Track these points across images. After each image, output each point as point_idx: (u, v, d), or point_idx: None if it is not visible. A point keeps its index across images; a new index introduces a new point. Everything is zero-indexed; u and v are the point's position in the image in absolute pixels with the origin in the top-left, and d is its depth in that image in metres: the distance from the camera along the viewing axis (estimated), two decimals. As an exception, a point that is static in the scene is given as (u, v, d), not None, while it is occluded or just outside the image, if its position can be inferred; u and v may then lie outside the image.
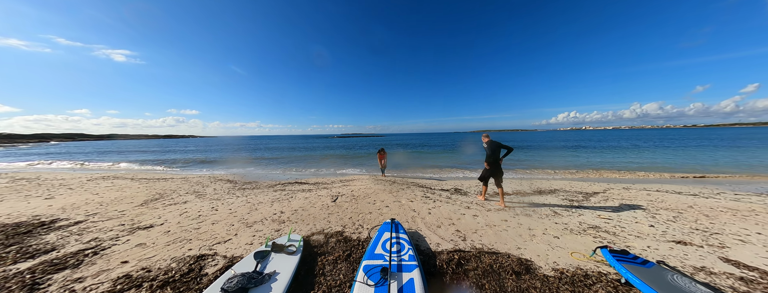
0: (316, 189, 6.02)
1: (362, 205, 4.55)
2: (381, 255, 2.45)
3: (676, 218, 3.56)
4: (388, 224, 3.17)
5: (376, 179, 7.11)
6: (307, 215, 4.03)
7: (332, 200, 4.92)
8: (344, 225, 3.57)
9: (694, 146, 19.94)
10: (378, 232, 2.96)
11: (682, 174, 8.41)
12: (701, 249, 2.63)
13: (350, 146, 32.70)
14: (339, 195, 5.31)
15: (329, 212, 4.15)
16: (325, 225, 3.58)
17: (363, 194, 5.31)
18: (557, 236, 3.03)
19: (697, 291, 1.79)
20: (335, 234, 3.24)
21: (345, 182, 6.90)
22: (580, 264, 2.36)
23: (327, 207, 4.46)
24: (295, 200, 5.02)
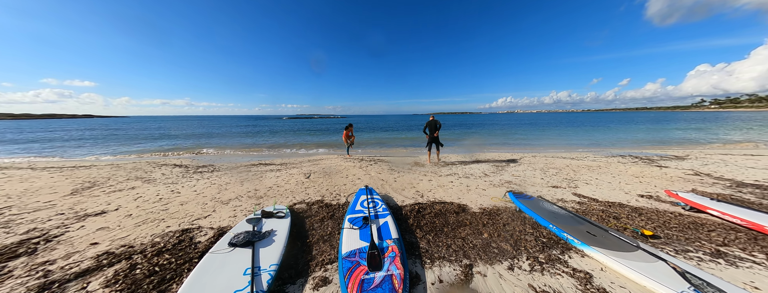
0: (285, 169, 6.11)
1: (336, 179, 5.01)
2: (360, 210, 3.06)
3: (556, 173, 5.25)
4: (363, 189, 3.77)
5: (344, 158, 7.52)
6: (284, 191, 4.28)
7: (306, 177, 5.21)
8: (323, 195, 4.01)
9: (583, 126, 26.78)
10: (355, 196, 3.54)
11: (569, 145, 11.54)
12: (564, 189, 4.14)
13: (308, 128, 31.07)
14: (311, 172, 5.60)
15: (306, 187, 4.49)
16: (304, 197, 3.95)
17: (335, 171, 5.73)
18: (484, 189, 4.20)
19: (552, 208, 3.02)
20: (316, 202, 3.67)
21: (314, 162, 7.11)
22: (496, 203, 3.48)
23: (302, 183, 4.76)
24: (266, 179, 5.10)
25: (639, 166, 5.76)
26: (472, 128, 26.50)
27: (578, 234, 2.37)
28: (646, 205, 3.37)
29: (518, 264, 2.07)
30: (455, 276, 1.95)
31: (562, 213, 2.91)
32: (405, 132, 22.38)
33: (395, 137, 18.49)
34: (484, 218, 2.95)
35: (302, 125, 40.61)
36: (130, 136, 19.05)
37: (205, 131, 23.16)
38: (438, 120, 6.66)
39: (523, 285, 1.82)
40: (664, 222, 2.82)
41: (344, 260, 2.07)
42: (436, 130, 6.52)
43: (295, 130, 26.76)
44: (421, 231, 2.71)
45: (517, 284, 1.84)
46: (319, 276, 2.01)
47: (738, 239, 2.42)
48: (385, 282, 1.79)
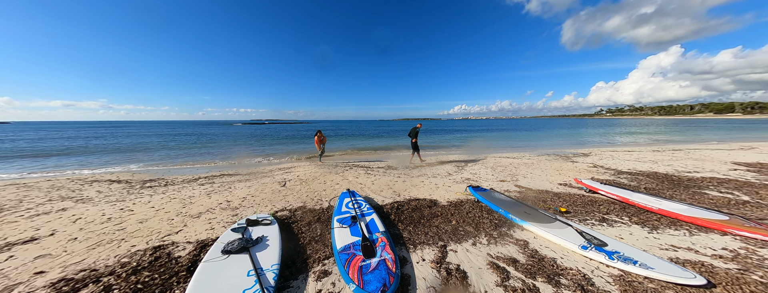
0: (256, 178, 5.86)
1: (314, 186, 5.09)
2: (347, 211, 3.31)
3: (503, 170, 6.38)
4: (346, 193, 4.01)
5: (317, 165, 7.52)
6: (261, 200, 4.20)
7: (282, 185, 5.14)
8: (304, 202, 4.09)
9: (521, 130, 31.73)
10: (339, 199, 3.76)
11: (512, 147, 13.73)
12: (508, 182, 5.13)
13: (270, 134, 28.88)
14: (286, 180, 5.52)
15: (284, 195, 4.48)
16: (285, 204, 3.97)
17: (311, 178, 5.76)
18: (450, 185, 4.90)
19: (501, 197, 3.81)
20: (299, 208, 3.76)
21: (286, 170, 6.94)
22: (459, 197, 4.15)
23: (278, 191, 4.71)
24: (236, 190, 4.85)
25: (559, 162, 7.38)
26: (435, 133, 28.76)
27: (518, 214, 3.11)
28: (562, 191, 4.49)
29: (479, 240, 2.65)
30: (434, 255, 2.40)
31: (508, 200, 3.71)
32: (375, 138, 22.92)
33: (367, 142, 18.84)
34: (451, 209, 3.54)
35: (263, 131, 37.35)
36: (19, 149, 14.71)
37: (136, 141, 19.49)
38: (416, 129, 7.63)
39: (483, 255, 2.38)
40: (573, 201, 3.86)
41: (340, 254, 2.33)
42: (414, 136, 7.50)
43: (256, 136, 24.68)
44: (403, 224, 3.12)
45: (479, 254, 2.39)
46: (319, 270, 2.22)
47: (614, 209, 3.51)
48: (381, 265, 2.12)
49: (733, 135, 18.84)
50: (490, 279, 2.03)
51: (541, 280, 1.98)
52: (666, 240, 2.63)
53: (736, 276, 1.98)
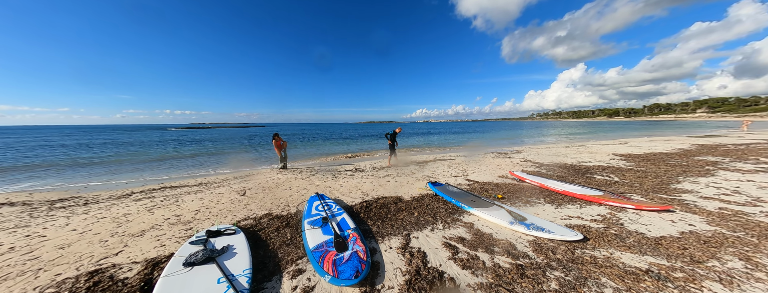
0: (208, 189, 5.36)
1: (279, 192, 4.96)
2: (317, 213, 3.43)
3: (456, 167, 7.29)
4: (315, 196, 4.10)
5: (281, 171, 7.22)
6: (218, 211, 3.94)
7: (241, 194, 4.86)
8: (269, 209, 4.01)
9: (473, 132, 35.72)
10: (308, 203, 3.84)
11: (464, 146, 15.51)
12: (460, 177, 5.94)
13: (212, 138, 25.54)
14: (246, 189, 5.22)
15: (245, 204, 4.28)
16: (248, 213, 3.83)
17: (274, 184, 5.57)
18: (413, 183, 5.42)
19: (454, 190, 4.46)
20: (265, 216, 3.69)
21: (244, 178, 6.49)
22: (421, 192, 4.68)
23: (238, 201, 4.46)
24: (185, 203, 4.40)
25: (499, 158, 8.78)
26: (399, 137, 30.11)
27: (467, 202, 3.75)
28: (501, 181, 5.46)
29: (436, 226, 3.14)
30: (400, 242, 2.76)
31: (459, 192, 4.38)
32: (340, 141, 22.64)
33: (331, 146, 18.50)
34: (414, 203, 4.00)
35: (206, 135, 32.59)
36: None
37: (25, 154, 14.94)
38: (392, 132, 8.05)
39: (439, 237, 2.85)
40: (508, 189, 4.77)
41: (314, 252, 2.49)
42: (394, 138, 7.94)
43: (200, 142, 21.58)
44: (371, 220, 3.42)
45: (436, 237, 2.86)
46: (293, 269, 2.33)
47: (535, 193, 4.50)
48: (353, 256, 2.37)
49: (615, 133, 25.01)
50: (444, 255, 2.48)
51: (481, 251, 2.53)
52: (565, 212, 3.57)
53: (602, 232, 2.88)
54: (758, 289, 1.88)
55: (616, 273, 2.11)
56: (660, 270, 2.14)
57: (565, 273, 2.13)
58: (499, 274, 2.15)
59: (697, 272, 2.11)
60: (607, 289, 1.93)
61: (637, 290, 1.91)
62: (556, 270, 2.18)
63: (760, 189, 4.33)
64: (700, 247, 2.50)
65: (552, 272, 2.16)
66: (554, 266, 2.24)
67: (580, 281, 2.03)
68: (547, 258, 2.36)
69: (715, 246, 2.50)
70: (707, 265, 2.20)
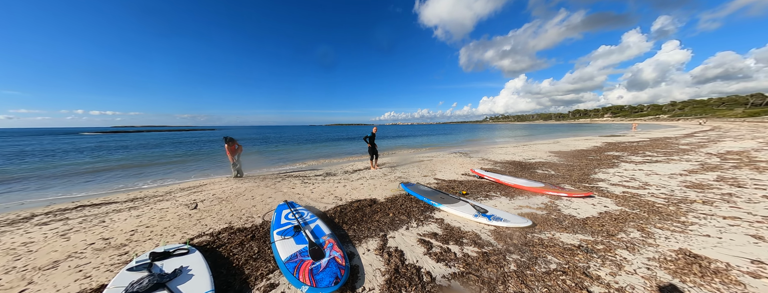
0: (145, 205, 4.54)
1: (239, 202, 4.49)
2: (287, 222, 3.23)
3: (425, 167, 7.70)
4: (284, 205, 3.84)
5: (240, 180, 6.53)
6: (163, 230, 3.38)
7: (192, 208, 4.24)
8: (229, 222, 3.61)
9: (437, 134, 38.13)
10: (276, 212, 3.58)
11: (431, 147, 16.44)
12: (429, 177, 6.30)
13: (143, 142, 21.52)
14: (197, 202, 4.58)
15: (197, 219, 3.76)
16: (202, 229, 3.38)
17: (233, 195, 5.02)
18: (385, 184, 5.53)
19: (425, 189, 4.72)
20: (224, 230, 3.31)
21: (195, 189, 5.67)
22: (394, 193, 4.80)
23: (188, 216, 3.90)
24: (116, 223, 3.65)
25: (462, 158, 9.59)
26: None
27: (437, 200, 4.00)
28: (464, 179, 5.98)
29: (411, 225, 3.27)
30: (377, 244, 2.79)
31: (429, 190, 4.64)
32: (308, 144, 21.51)
33: (299, 149, 17.44)
34: (388, 204, 4.09)
35: (138, 140, 26.96)
36: None
37: None
38: (370, 134, 7.65)
39: (414, 235, 2.98)
40: (470, 185, 5.25)
41: (287, 264, 2.34)
42: (374, 141, 7.58)
43: (129, 148, 17.86)
44: (347, 224, 3.37)
45: (411, 235, 2.98)
46: (264, 284, 2.16)
47: (493, 188, 5.06)
48: (331, 263, 2.31)
49: (549, 134, 29.70)
50: (420, 251, 2.62)
51: (452, 243, 2.74)
52: (517, 203, 4.11)
53: (545, 217, 3.41)
54: (650, 251, 2.49)
55: (558, 251, 2.54)
56: (588, 245, 2.65)
57: (520, 255, 2.46)
58: (469, 263, 2.37)
59: (612, 243, 2.68)
60: (552, 264, 2.31)
61: (573, 262, 2.33)
62: (514, 253, 2.51)
63: (647, 176, 5.70)
64: (613, 223, 3.17)
65: (511, 255, 2.47)
66: (512, 250, 2.57)
67: (532, 260, 2.38)
68: (506, 244, 2.69)
69: (622, 222, 3.21)
70: (618, 237, 2.81)
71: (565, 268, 2.24)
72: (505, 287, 2.03)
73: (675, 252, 2.46)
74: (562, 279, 2.10)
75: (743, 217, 3.22)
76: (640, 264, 2.28)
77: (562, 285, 2.03)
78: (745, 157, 7.62)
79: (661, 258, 2.37)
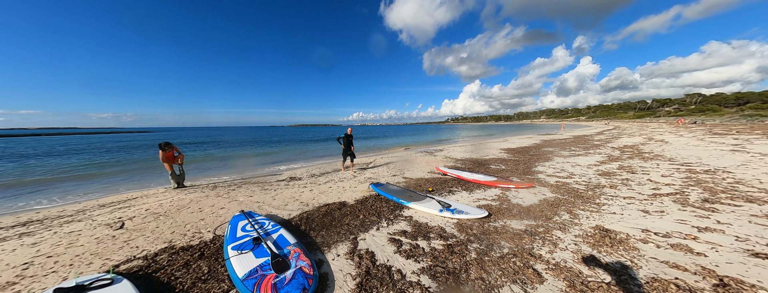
0: (46, 229, 3.58)
1: (183, 217, 3.88)
2: (245, 235, 2.92)
3: (393, 167, 7.88)
4: (240, 216, 3.46)
5: (183, 190, 5.63)
6: (73, 258, 2.71)
7: (117, 228, 3.49)
8: (169, 241, 3.09)
9: (405, 134, 39.37)
10: (230, 225, 3.20)
11: (399, 147, 16.93)
12: (398, 176, 6.47)
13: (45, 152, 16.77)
14: (123, 220, 3.79)
15: (125, 240, 3.12)
16: (132, 253, 2.81)
17: (175, 208, 4.31)
18: (355, 186, 5.46)
19: (394, 188, 4.82)
20: (162, 251, 2.82)
21: (121, 204, 4.67)
22: (365, 194, 4.78)
23: (112, 237, 3.21)
24: (13, 252, 2.76)
25: (427, 157, 10.11)
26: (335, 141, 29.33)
27: (406, 198, 4.13)
28: (430, 176, 6.32)
29: (381, 225, 3.30)
30: (347, 248, 2.74)
31: (398, 189, 4.76)
32: (268, 147, 19.73)
33: (257, 153, 15.86)
34: (359, 206, 4.05)
35: (33, 146, 20.39)
36: None
37: None
38: (353, 135, 7.22)
39: (384, 235, 3.02)
40: (435, 182, 5.58)
41: (245, 281, 2.12)
42: (351, 144, 7.05)
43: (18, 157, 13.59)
44: (315, 231, 3.22)
45: (382, 235, 3.01)
46: (219, 307, 1.91)
47: (455, 184, 5.46)
48: (297, 274, 2.18)
49: (500, 134, 33.55)
50: (390, 250, 2.66)
51: (420, 239, 2.86)
52: (475, 196, 4.52)
53: (498, 208, 3.83)
54: (576, 230, 3.02)
55: (509, 236, 2.88)
56: (532, 229, 3.07)
57: (479, 244, 2.72)
58: (436, 256, 2.51)
59: (549, 225, 3.16)
60: (505, 249, 2.61)
61: (520, 245, 2.68)
62: (474, 242, 2.76)
63: (572, 167, 6.90)
64: (549, 209, 3.75)
65: (471, 245, 2.71)
66: (473, 240, 2.81)
67: (490, 247, 2.65)
68: (468, 235, 2.93)
69: (556, 207, 3.82)
70: (554, 220, 3.34)
71: (515, 251, 2.56)
72: (468, 275, 2.21)
73: (593, 228, 3.04)
74: (513, 261, 2.40)
75: (635, 197, 4.17)
76: (569, 241, 2.75)
77: (513, 266, 2.31)
78: (635, 149, 9.88)
79: (584, 234, 2.90)
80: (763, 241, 2.56)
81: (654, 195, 4.18)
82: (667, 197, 4.06)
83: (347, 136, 7.01)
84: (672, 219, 3.20)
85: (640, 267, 2.22)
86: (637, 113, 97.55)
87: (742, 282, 1.96)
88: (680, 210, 3.48)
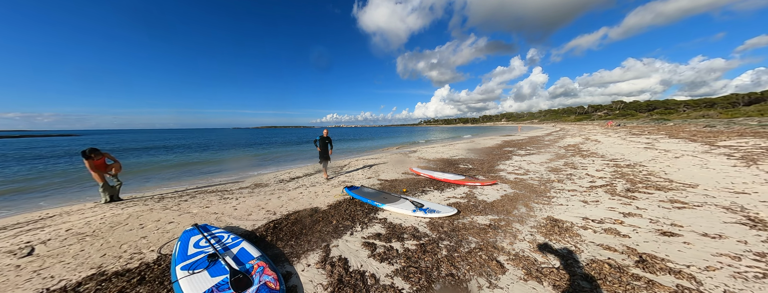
0: None
1: (118, 235, 3.30)
2: (199, 251, 2.60)
3: (368, 169, 7.84)
4: (192, 230, 3.07)
5: (118, 205, 4.79)
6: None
7: (25, 254, 2.81)
8: (98, 266, 2.60)
9: (381, 136, 39.59)
10: (180, 242, 2.81)
11: (374, 150, 16.92)
12: (373, 178, 6.45)
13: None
14: (32, 245, 3.07)
15: (34, 270, 2.53)
16: (42, 285, 2.30)
17: (107, 226, 3.64)
18: (328, 190, 5.28)
19: (369, 191, 4.79)
20: (87, 280, 2.35)
21: (30, 226, 3.77)
22: (338, 198, 4.64)
23: (15, 268, 2.58)
24: None
25: (401, 157, 10.31)
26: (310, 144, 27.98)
27: (380, 200, 4.13)
28: (404, 177, 6.44)
29: (355, 229, 3.24)
30: (319, 256, 2.62)
31: (373, 191, 4.74)
32: (228, 150, 17.92)
33: (213, 158, 14.29)
34: (331, 211, 3.91)
35: None
36: None
37: None
38: (330, 137, 6.70)
39: (359, 239, 2.97)
40: (410, 183, 5.70)
41: (199, 303, 1.88)
42: (328, 148, 6.52)
43: None
44: (282, 241, 3.01)
45: (356, 240, 2.95)
46: (165, 338, 1.65)
47: (428, 184, 5.65)
48: (261, 290, 2.00)
49: (468, 135, 35.94)
50: (364, 254, 2.62)
51: (394, 241, 2.88)
52: (446, 194, 4.74)
53: (466, 205, 4.07)
54: (532, 221, 3.36)
55: (476, 231, 3.07)
56: (495, 223, 3.33)
57: (450, 241, 2.84)
58: (409, 256, 2.54)
59: (509, 219, 3.46)
60: (473, 244, 2.78)
61: (486, 239, 2.88)
62: (445, 240, 2.87)
63: (528, 165, 7.70)
64: (509, 203, 4.11)
65: (442, 242, 2.82)
66: (443, 237, 2.93)
67: (459, 243, 2.79)
68: (439, 233, 3.05)
69: (515, 201, 4.21)
70: (513, 213, 3.66)
71: (481, 245, 2.74)
72: (439, 272, 2.29)
73: (545, 219, 3.41)
74: (480, 254, 2.56)
75: (577, 189, 4.82)
76: (526, 232, 3.04)
77: (479, 260, 2.46)
78: (576, 148, 11.45)
79: (538, 225, 3.24)
80: (668, 222, 3.17)
81: (591, 187, 4.88)
82: (601, 188, 4.78)
83: (323, 138, 6.56)
84: (604, 207, 3.77)
85: (581, 251, 2.55)
86: (577, 117, 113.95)
87: (655, 257, 2.39)
88: (610, 199, 4.12)
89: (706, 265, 2.23)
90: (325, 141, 6.50)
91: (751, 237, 2.65)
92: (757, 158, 6.33)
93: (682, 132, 15.20)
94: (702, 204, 3.66)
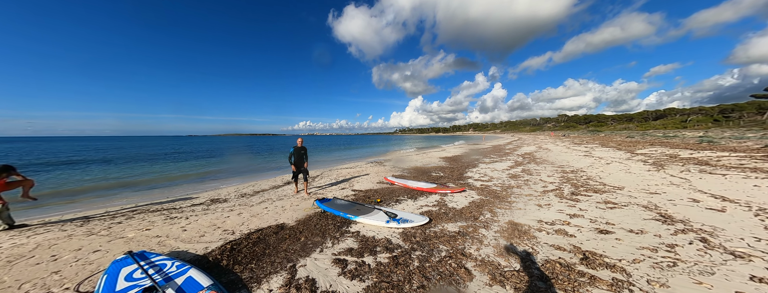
0: None
1: (19, 272, 2.62)
2: (132, 285, 2.19)
3: (342, 180, 7.63)
4: (124, 259, 2.58)
5: (20, 232, 3.83)
6: None
7: None
8: None
9: (353, 144, 39.25)
10: (107, 275, 2.33)
11: (349, 159, 16.63)
12: (347, 189, 6.29)
13: None
14: None
15: None
16: None
17: (2, 260, 2.86)
18: (297, 204, 4.97)
19: (342, 202, 4.63)
20: None
21: None
22: (308, 212, 4.39)
23: None
24: None
25: (377, 167, 10.30)
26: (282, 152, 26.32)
27: (353, 212, 4.02)
28: (379, 187, 6.41)
29: (326, 245, 3.07)
30: (283, 279, 2.40)
31: (346, 203, 4.60)
32: (181, 160, 15.80)
33: (161, 171, 12.45)
34: (300, 227, 3.67)
35: None
36: None
37: None
38: (305, 146, 5.89)
39: (329, 256, 2.82)
40: (384, 193, 5.69)
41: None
42: (303, 160, 5.74)
43: None
44: (241, 265, 2.70)
45: (326, 257, 2.80)
46: None
47: (402, 193, 5.71)
48: (213, 324, 1.75)
49: (440, 144, 37.76)
50: (334, 273, 2.49)
51: (367, 255, 2.80)
52: (419, 203, 4.83)
53: (437, 213, 4.19)
54: (496, 226, 3.59)
55: (446, 239, 3.16)
56: (463, 229, 3.48)
57: (422, 251, 2.87)
58: (381, 271, 2.49)
59: (476, 225, 3.66)
60: (443, 252, 2.84)
61: (455, 246, 2.98)
62: (417, 250, 2.89)
63: (492, 172, 8.33)
64: (476, 210, 4.35)
65: (414, 253, 2.83)
66: (415, 248, 2.95)
67: (430, 253, 2.83)
68: (411, 243, 3.06)
69: (481, 207, 4.48)
70: (479, 219, 3.88)
71: (451, 253, 2.82)
72: (411, 285, 2.28)
73: (507, 223, 3.68)
74: (449, 262, 2.62)
75: (533, 194, 5.34)
76: (491, 237, 3.24)
77: (448, 268, 2.52)
78: (531, 156, 12.80)
79: (501, 229, 3.47)
80: (604, 221, 3.67)
81: (544, 191, 5.46)
82: (551, 192, 5.37)
83: (298, 149, 5.70)
84: (555, 210, 4.22)
85: (537, 253, 2.80)
86: (531, 128, 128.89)
87: (595, 254, 2.73)
88: (559, 202, 4.64)
89: (633, 258, 2.62)
90: (300, 152, 5.74)
91: (663, 231, 3.21)
92: (663, 164, 7.82)
93: (611, 142, 18.12)
94: (627, 204, 4.34)
